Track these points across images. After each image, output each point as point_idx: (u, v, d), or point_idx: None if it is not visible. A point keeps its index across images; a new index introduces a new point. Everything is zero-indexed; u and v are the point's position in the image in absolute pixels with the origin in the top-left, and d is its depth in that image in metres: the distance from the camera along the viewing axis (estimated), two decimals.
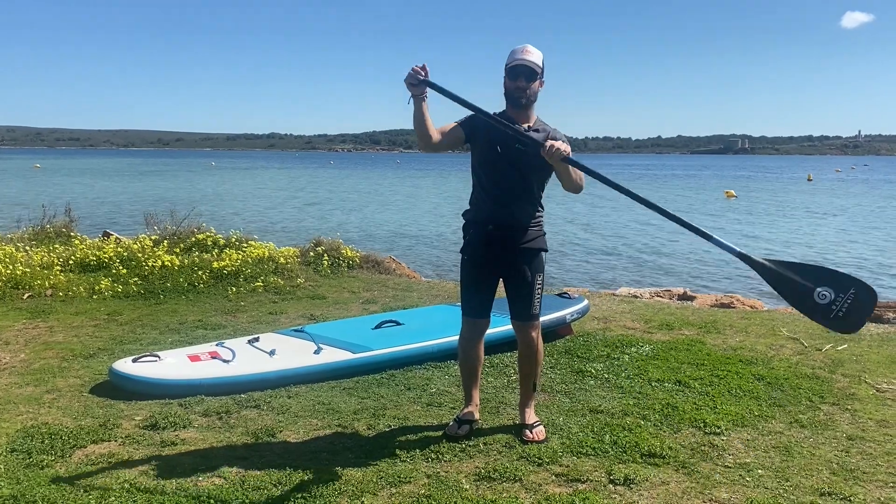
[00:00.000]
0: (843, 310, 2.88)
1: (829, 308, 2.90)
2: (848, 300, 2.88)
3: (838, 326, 2.99)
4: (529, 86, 3.48)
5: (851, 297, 2.88)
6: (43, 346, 5.26)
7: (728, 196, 36.82)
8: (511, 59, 3.49)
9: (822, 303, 2.89)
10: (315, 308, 6.77)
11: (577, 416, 3.94)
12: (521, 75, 3.47)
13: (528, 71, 3.46)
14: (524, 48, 3.50)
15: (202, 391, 4.21)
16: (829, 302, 2.88)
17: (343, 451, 3.47)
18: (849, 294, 2.88)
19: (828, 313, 2.91)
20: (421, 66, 3.26)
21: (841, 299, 2.88)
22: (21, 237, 9.11)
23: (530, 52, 3.49)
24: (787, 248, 16.98)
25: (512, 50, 3.54)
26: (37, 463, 3.27)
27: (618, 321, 6.27)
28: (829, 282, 2.93)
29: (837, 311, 2.89)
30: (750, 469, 3.30)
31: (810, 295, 2.92)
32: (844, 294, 2.88)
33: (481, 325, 3.73)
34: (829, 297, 2.88)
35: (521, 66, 3.46)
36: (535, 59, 3.48)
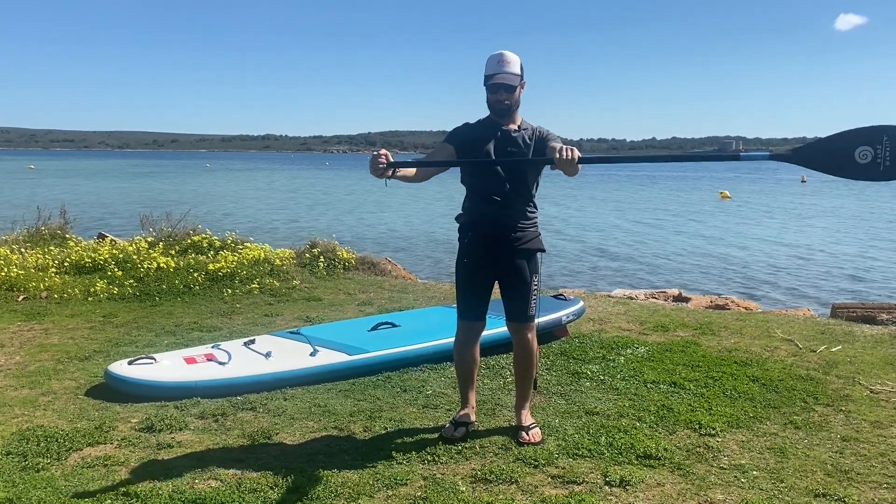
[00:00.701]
0: (889, 158, 2.91)
1: (874, 163, 2.92)
2: (887, 148, 2.90)
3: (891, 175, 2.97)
4: (510, 97, 3.51)
5: (888, 143, 2.90)
6: (38, 349, 5.25)
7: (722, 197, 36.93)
8: (490, 72, 3.50)
9: (866, 162, 2.92)
10: (311, 310, 6.77)
11: (572, 417, 3.95)
12: (501, 90, 3.50)
13: (507, 87, 3.50)
14: (501, 58, 3.49)
15: (198, 393, 4.20)
16: (871, 158, 2.91)
17: (339, 453, 3.48)
18: (884, 143, 2.90)
19: (877, 168, 2.93)
20: (381, 153, 3.22)
21: (880, 150, 2.90)
22: (16, 239, 9.08)
23: (508, 62, 3.48)
24: (780, 247, 17.03)
25: (489, 59, 3.53)
26: (32, 466, 3.26)
27: (613, 323, 6.29)
28: (862, 140, 2.95)
29: (883, 161, 2.92)
30: (745, 470, 3.32)
31: (852, 160, 2.94)
32: (881, 145, 2.90)
33: (477, 328, 3.74)
34: (870, 154, 2.91)
35: (501, 84, 3.48)
36: (514, 70, 3.50)
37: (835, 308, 7.28)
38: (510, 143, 3.55)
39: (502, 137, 3.55)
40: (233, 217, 23.60)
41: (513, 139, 3.55)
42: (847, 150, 2.95)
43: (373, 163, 3.21)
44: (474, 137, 3.57)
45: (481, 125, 3.63)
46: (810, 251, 16.92)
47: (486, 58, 3.55)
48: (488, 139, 3.55)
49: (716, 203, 33.94)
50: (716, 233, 21.11)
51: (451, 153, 3.57)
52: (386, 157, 3.21)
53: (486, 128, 3.60)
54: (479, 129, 3.60)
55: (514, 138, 3.55)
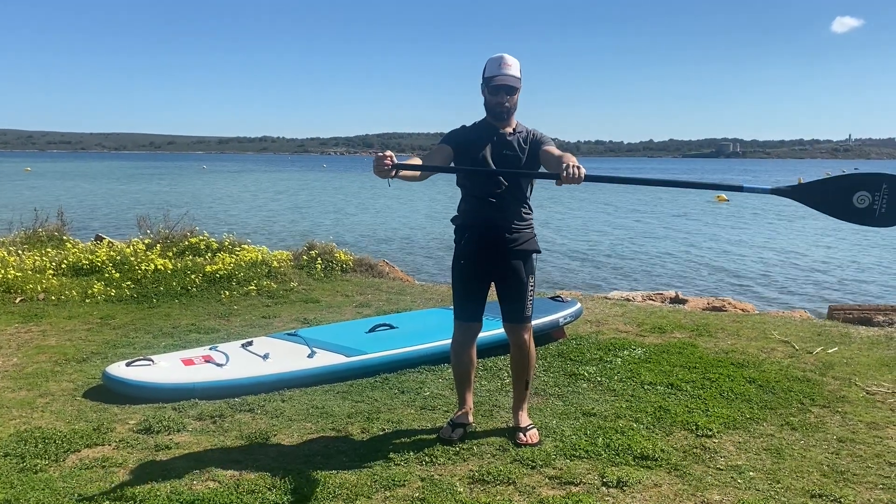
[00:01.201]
0: (884, 206, 3.00)
1: (870, 209, 3.01)
2: (885, 196, 2.98)
3: (886, 222, 3.07)
4: (510, 99, 3.54)
5: (886, 191, 2.98)
6: (36, 350, 5.25)
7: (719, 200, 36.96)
8: (491, 74, 3.52)
9: (863, 206, 3.00)
10: (308, 312, 6.77)
11: (570, 418, 3.96)
12: (503, 91, 3.52)
13: (509, 88, 3.52)
14: (503, 61, 3.51)
15: (196, 395, 4.21)
16: (869, 203, 3.00)
17: (337, 455, 3.48)
18: (883, 190, 2.98)
19: (872, 213, 3.02)
20: (386, 155, 3.25)
21: (878, 197, 2.98)
22: (13, 241, 9.08)
23: (509, 65, 3.51)
24: (776, 249, 17.07)
25: (489, 61, 3.55)
26: (30, 467, 3.26)
27: (610, 324, 6.30)
28: (861, 185, 3.04)
29: (879, 208, 3.01)
30: (741, 471, 3.33)
31: (850, 203, 3.03)
32: (879, 192, 2.98)
33: (474, 329, 3.75)
34: (867, 200, 3.00)
35: (503, 85, 3.50)
36: (515, 73, 3.53)
37: (831, 310, 7.30)
38: (505, 146, 3.57)
39: (498, 141, 3.58)
40: (230, 219, 23.59)
41: (508, 142, 3.58)
42: (846, 194, 3.04)
43: (378, 163, 3.23)
44: (470, 140, 3.60)
45: (477, 128, 3.65)
46: (807, 253, 16.95)
47: (485, 60, 3.58)
48: (484, 142, 3.58)
49: (713, 205, 33.98)
50: (713, 235, 21.14)
51: (449, 154, 3.59)
52: (391, 159, 3.24)
53: (481, 131, 3.62)
54: (475, 132, 3.63)
55: (510, 142, 3.58)
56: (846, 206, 3.05)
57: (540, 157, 3.58)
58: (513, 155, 3.56)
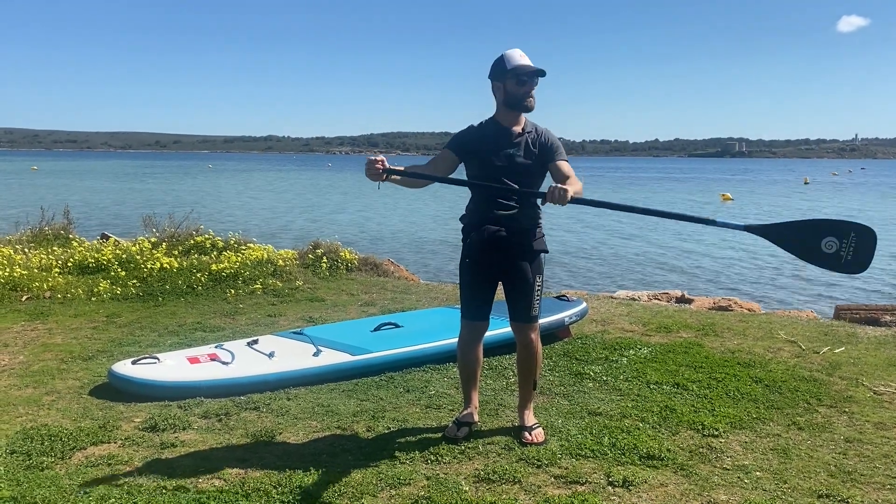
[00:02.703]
0: (850, 254, 3.08)
1: (838, 255, 3.09)
2: (852, 244, 3.07)
3: (850, 269, 3.16)
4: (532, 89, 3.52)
5: (854, 239, 3.07)
6: (42, 348, 5.27)
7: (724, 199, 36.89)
8: (518, 63, 3.48)
9: (831, 252, 3.09)
10: (314, 310, 6.77)
11: (575, 418, 3.96)
12: (536, 76, 3.50)
13: (540, 72, 3.50)
14: (522, 53, 3.52)
15: (201, 393, 4.21)
16: (836, 249, 3.08)
17: (342, 453, 3.48)
18: (851, 238, 3.07)
19: (838, 259, 3.10)
20: (378, 159, 3.28)
21: (846, 244, 3.06)
22: (19, 239, 9.11)
23: (525, 56, 3.51)
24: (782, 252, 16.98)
25: (508, 55, 3.51)
26: (37, 464, 3.27)
27: (616, 324, 6.29)
28: (831, 231, 3.12)
29: (846, 255, 3.09)
30: (748, 471, 3.32)
31: (818, 247, 3.11)
32: (847, 239, 3.07)
33: (481, 328, 3.74)
34: (835, 245, 3.08)
35: (536, 70, 3.48)
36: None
37: (838, 309, 7.27)
38: (515, 146, 3.54)
39: (507, 141, 3.55)
40: (235, 217, 23.63)
41: (517, 143, 3.55)
42: (815, 238, 3.13)
43: (369, 167, 3.26)
44: (477, 140, 3.57)
45: (485, 128, 3.61)
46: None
47: (492, 58, 3.55)
48: (493, 142, 3.54)
49: (717, 205, 33.92)
50: (718, 234, 21.08)
51: (453, 161, 3.58)
52: (382, 164, 3.27)
53: (490, 131, 3.58)
54: (483, 133, 3.59)
55: (519, 142, 3.55)
56: (814, 249, 3.13)
57: (550, 168, 3.58)
58: (522, 156, 3.53)
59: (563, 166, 3.55)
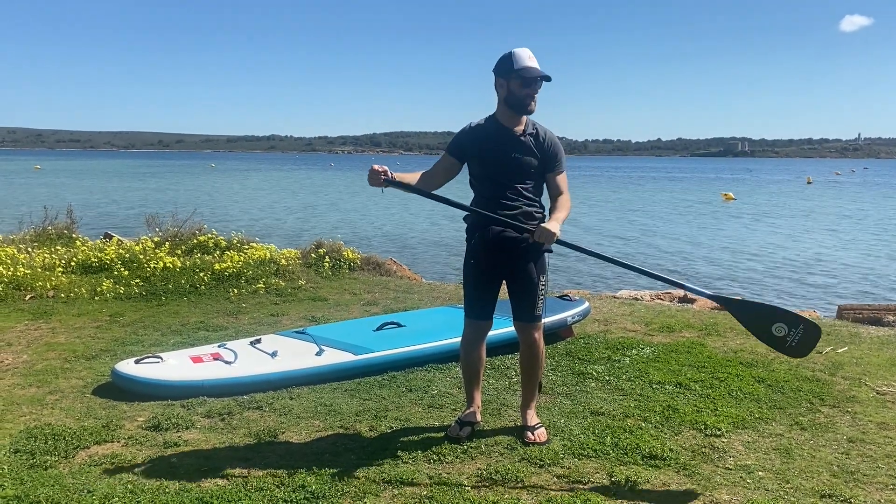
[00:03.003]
0: (795, 341, 3.43)
1: (784, 339, 3.44)
2: (798, 334, 3.42)
3: (791, 353, 3.53)
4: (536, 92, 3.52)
5: (801, 331, 3.42)
6: (45, 348, 5.28)
7: (726, 199, 36.84)
8: (525, 65, 3.45)
9: (779, 335, 3.44)
10: (316, 310, 6.78)
11: (578, 417, 3.96)
12: (540, 81, 3.49)
13: (546, 77, 3.49)
14: (530, 54, 3.49)
15: (204, 392, 4.22)
16: (784, 335, 3.43)
17: (345, 453, 3.48)
18: (798, 329, 3.42)
19: (783, 343, 3.45)
20: (381, 170, 3.34)
21: (793, 333, 3.42)
22: (23, 238, 9.13)
23: (533, 58, 3.49)
24: (785, 249, 17.00)
25: (515, 54, 3.47)
26: (40, 463, 3.28)
27: (618, 323, 6.29)
28: (783, 319, 3.48)
29: (791, 342, 3.43)
30: (750, 471, 3.31)
31: (769, 329, 3.46)
32: (795, 329, 3.42)
33: (484, 327, 3.75)
34: (784, 331, 3.43)
35: (542, 76, 3.47)
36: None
37: (841, 309, 7.26)
38: (516, 147, 3.53)
39: (509, 141, 3.53)
40: (238, 217, 23.66)
41: (519, 144, 3.54)
42: (769, 320, 3.47)
43: (372, 176, 3.34)
44: (477, 140, 3.55)
45: (485, 128, 3.59)
46: (816, 252, 16.88)
47: (496, 56, 3.53)
48: (494, 142, 3.53)
49: (719, 205, 33.87)
50: (721, 234, 21.08)
51: (454, 165, 3.60)
52: (385, 173, 3.35)
53: (490, 131, 3.57)
54: (483, 133, 3.57)
55: (521, 143, 3.54)
56: (766, 330, 3.46)
57: (546, 178, 3.61)
58: (524, 157, 3.52)
59: (560, 181, 3.60)
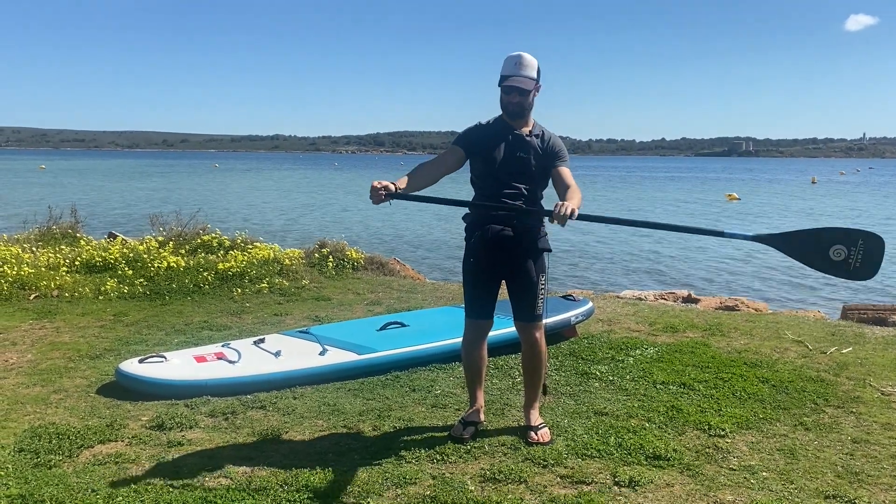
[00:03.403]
0: (859, 260, 3.09)
1: (846, 262, 3.10)
2: (860, 251, 3.08)
3: (858, 276, 3.17)
4: (523, 100, 3.52)
5: (862, 247, 3.08)
6: (49, 347, 5.29)
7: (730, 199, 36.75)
8: (506, 73, 3.49)
9: (839, 259, 3.10)
10: (320, 309, 6.79)
11: (581, 418, 3.95)
12: (515, 92, 3.50)
13: (520, 90, 3.50)
14: (519, 60, 3.49)
15: (208, 392, 4.23)
16: (844, 257, 3.09)
17: (348, 452, 3.49)
18: (859, 246, 3.08)
19: (847, 267, 3.11)
20: (381, 186, 3.29)
21: (854, 252, 3.08)
22: (27, 238, 9.15)
23: (525, 64, 3.49)
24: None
25: (506, 59, 3.53)
26: (45, 462, 3.29)
27: (622, 323, 6.28)
28: (839, 239, 3.13)
29: (854, 262, 3.10)
30: (754, 471, 3.31)
31: (827, 255, 3.12)
32: (855, 247, 3.08)
33: (485, 327, 3.75)
34: (843, 253, 3.08)
35: (514, 86, 3.48)
36: (530, 73, 3.51)
37: (845, 310, 7.25)
38: (520, 147, 3.55)
39: (513, 141, 3.56)
40: (242, 217, 23.68)
41: (524, 143, 3.55)
42: (823, 246, 3.15)
43: (373, 195, 3.28)
44: (485, 138, 3.58)
45: (493, 127, 3.62)
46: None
47: (502, 58, 3.55)
48: (499, 141, 3.56)
49: (723, 204, 33.79)
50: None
51: (460, 156, 3.60)
52: (386, 188, 3.27)
53: (497, 130, 3.60)
54: (491, 131, 3.60)
55: (526, 143, 3.56)
56: (823, 258, 3.15)
57: (552, 173, 3.59)
58: (527, 157, 3.54)
59: (565, 173, 3.58)
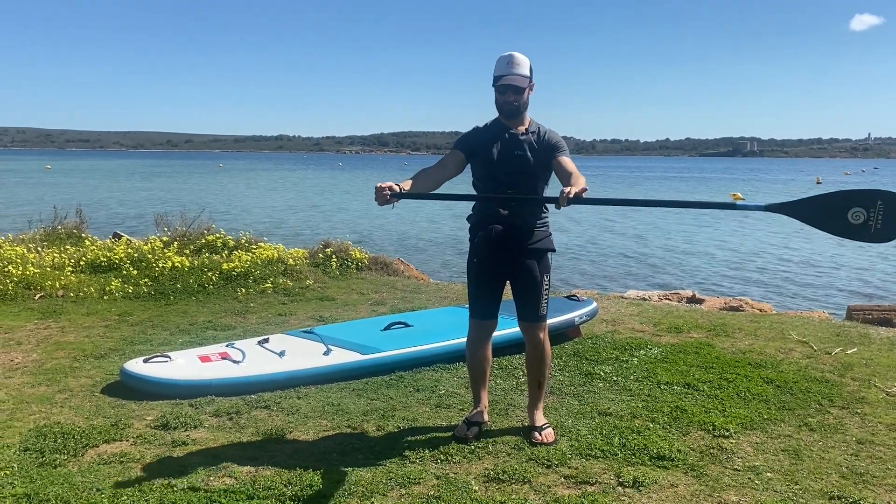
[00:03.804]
0: (880, 222, 2.99)
1: (866, 225, 3.00)
2: (880, 212, 2.97)
3: (880, 238, 3.05)
4: (518, 98, 3.53)
5: (882, 207, 2.97)
6: (55, 347, 5.31)
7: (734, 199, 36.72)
8: (499, 73, 3.51)
9: (858, 222, 2.99)
10: (324, 309, 6.79)
11: (585, 418, 3.95)
12: (509, 91, 3.51)
13: (515, 88, 3.51)
14: (510, 60, 3.50)
15: (212, 391, 4.23)
16: (864, 220, 2.98)
17: (352, 452, 3.49)
18: (878, 206, 2.97)
19: (868, 230, 3.00)
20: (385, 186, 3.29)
21: (873, 213, 2.98)
22: (33, 238, 9.18)
23: (517, 63, 3.50)
24: (794, 249, 16.93)
25: (498, 60, 3.54)
26: (50, 462, 3.30)
27: (626, 324, 6.27)
28: (856, 201, 3.02)
29: (875, 224, 2.99)
30: (759, 472, 3.30)
31: (845, 219, 3.02)
32: (875, 208, 2.97)
33: (489, 327, 3.75)
34: (863, 216, 2.98)
35: (509, 85, 3.50)
36: (522, 71, 3.51)
37: (850, 310, 7.23)
38: (517, 146, 3.56)
39: (509, 140, 3.58)
40: (246, 217, 23.71)
41: (520, 142, 3.57)
42: (841, 209, 3.03)
43: (378, 195, 3.29)
44: (482, 141, 3.61)
45: (489, 129, 3.65)
46: (826, 253, 16.79)
47: (496, 59, 3.57)
48: (496, 142, 3.58)
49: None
50: (729, 234, 21.01)
51: (461, 159, 3.62)
52: (390, 189, 3.27)
53: (494, 131, 3.62)
54: (488, 133, 3.63)
55: (521, 141, 3.57)
56: (842, 221, 3.04)
57: (553, 165, 3.59)
58: (524, 155, 3.55)
59: (566, 162, 3.56)
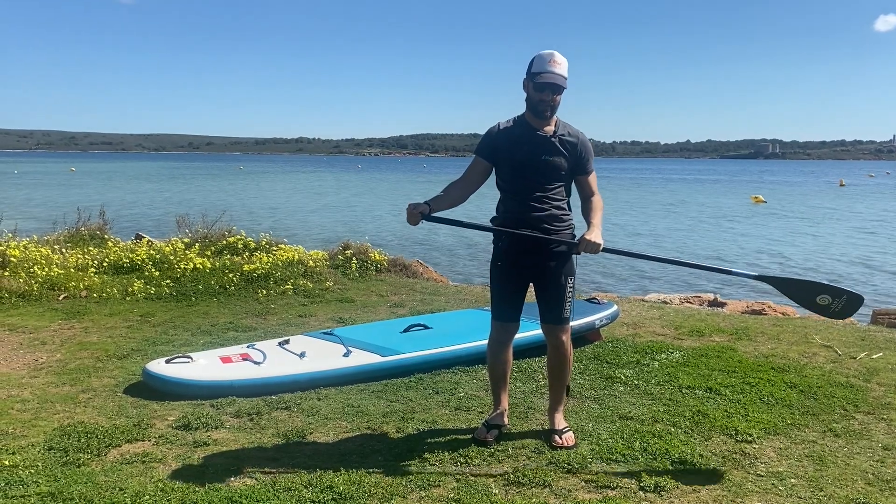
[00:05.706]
0: (839, 308, 3.75)
1: (828, 307, 3.76)
2: (841, 302, 3.73)
3: (835, 316, 3.85)
4: (555, 98, 3.47)
5: (844, 300, 3.73)
6: (78, 347, 5.36)
7: (756, 201, 36.34)
8: (539, 70, 3.43)
9: (823, 304, 3.76)
10: (344, 311, 6.81)
11: (606, 422, 3.93)
12: (548, 90, 3.45)
13: (555, 87, 3.45)
14: (552, 58, 3.44)
15: (233, 392, 4.26)
16: (828, 303, 3.76)
17: (372, 454, 3.49)
18: (842, 298, 3.73)
19: (827, 309, 3.78)
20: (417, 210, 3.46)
21: (836, 302, 3.74)
22: (57, 239, 9.29)
23: (558, 63, 3.44)
24: (817, 252, 16.73)
25: (538, 56, 3.47)
26: (73, 461, 3.33)
27: (647, 327, 6.23)
28: (826, 291, 3.79)
29: (834, 308, 3.76)
30: (783, 478, 3.26)
31: (814, 300, 3.79)
32: (839, 298, 3.74)
33: (511, 329, 3.73)
34: (828, 301, 3.75)
35: (549, 83, 3.43)
36: (563, 72, 3.46)
37: (875, 314, 7.12)
38: (546, 149, 3.51)
39: (538, 142, 3.51)
40: (267, 219, 23.85)
41: (549, 145, 3.51)
42: (813, 293, 3.81)
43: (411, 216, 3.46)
44: (508, 143, 3.53)
45: (514, 129, 3.57)
46: (849, 256, 16.58)
47: (523, 60, 3.53)
48: (523, 143, 3.51)
49: (749, 207, 33.40)
50: (751, 236, 20.80)
51: (485, 167, 3.60)
52: (422, 212, 3.46)
53: (520, 131, 3.55)
54: (513, 134, 3.55)
55: (552, 144, 3.52)
56: (811, 300, 3.79)
57: (576, 179, 3.62)
58: (554, 159, 3.50)
59: (591, 182, 3.62)
